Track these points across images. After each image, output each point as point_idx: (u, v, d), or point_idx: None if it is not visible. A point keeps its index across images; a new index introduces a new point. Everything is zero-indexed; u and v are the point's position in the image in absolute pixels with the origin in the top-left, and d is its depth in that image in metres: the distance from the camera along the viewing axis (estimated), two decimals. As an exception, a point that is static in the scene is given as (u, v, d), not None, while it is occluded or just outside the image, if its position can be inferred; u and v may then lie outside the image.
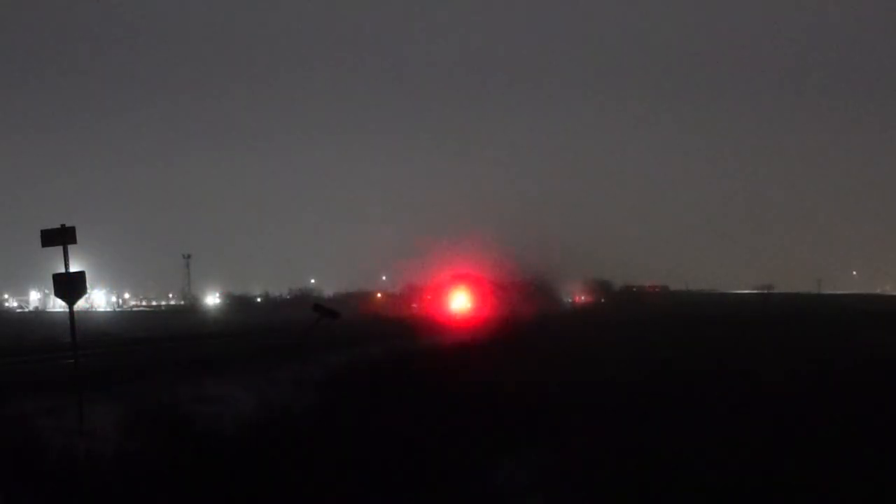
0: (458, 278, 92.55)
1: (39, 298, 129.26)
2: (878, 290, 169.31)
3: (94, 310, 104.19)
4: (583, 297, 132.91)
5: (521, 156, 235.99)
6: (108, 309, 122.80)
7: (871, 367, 20.98)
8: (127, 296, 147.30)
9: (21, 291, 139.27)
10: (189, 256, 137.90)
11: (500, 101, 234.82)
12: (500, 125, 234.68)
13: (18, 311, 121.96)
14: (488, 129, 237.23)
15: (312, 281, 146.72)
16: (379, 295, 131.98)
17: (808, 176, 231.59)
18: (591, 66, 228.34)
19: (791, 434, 11.43)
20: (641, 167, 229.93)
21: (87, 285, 13.21)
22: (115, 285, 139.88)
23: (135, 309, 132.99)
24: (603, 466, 9.72)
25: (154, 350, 27.66)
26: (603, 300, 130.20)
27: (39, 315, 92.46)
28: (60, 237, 12.62)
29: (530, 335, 36.12)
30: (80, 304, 14.17)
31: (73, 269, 12.76)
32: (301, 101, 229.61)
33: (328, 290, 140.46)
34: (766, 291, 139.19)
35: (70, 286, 12.78)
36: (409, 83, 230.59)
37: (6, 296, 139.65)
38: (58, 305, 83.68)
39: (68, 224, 12.67)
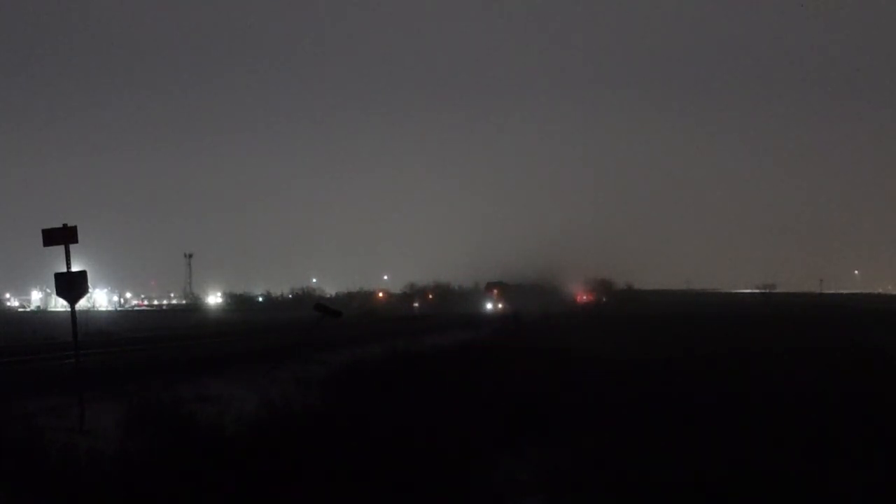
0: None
1: (41, 298, 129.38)
2: (879, 290, 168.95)
3: (95, 309, 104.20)
4: (585, 297, 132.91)
5: (523, 158, 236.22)
6: (110, 308, 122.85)
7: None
8: (128, 295, 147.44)
9: (22, 291, 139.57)
10: (191, 256, 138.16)
11: (504, 104, 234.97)
12: (503, 127, 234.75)
13: (20, 310, 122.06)
14: (491, 131, 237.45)
15: (314, 280, 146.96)
16: (381, 294, 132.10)
17: (809, 176, 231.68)
18: (595, 69, 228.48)
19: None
20: (643, 168, 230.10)
21: (89, 285, 13.20)
22: (117, 284, 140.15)
23: (136, 308, 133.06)
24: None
25: (155, 349, 27.64)
26: (605, 299, 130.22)
27: (41, 314, 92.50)
28: (62, 236, 12.60)
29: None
30: (82, 304, 14.15)
31: (75, 268, 12.74)
32: (304, 101, 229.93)
33: (330, 290, 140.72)
34: (767, 291, 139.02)
35: (71, 285, 12.76)
36: (411, 84, 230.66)
37: (8, 295, 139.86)
38: (59, 305, 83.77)
39: (70, 223, 12.65)
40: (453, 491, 8.84)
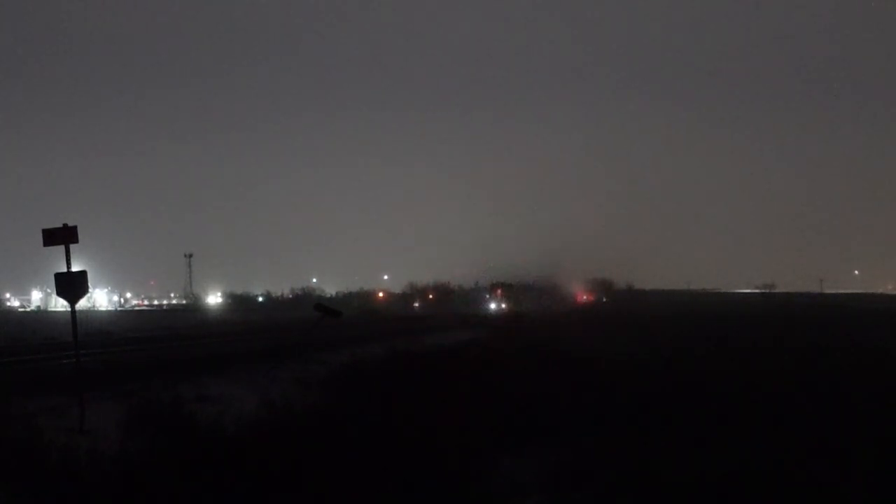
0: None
1: (41, 298, 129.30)
2: (879, 290, 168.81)
3: (95, 309, 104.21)
4: (585, 297, 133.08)
5: (524, 158, 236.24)
6: (110, 308, 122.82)
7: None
8: (129, 295, 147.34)
9: (23, 290, 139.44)
10: (191, 255, 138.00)
11: (504, 104, 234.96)
12: (504, 127, 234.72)
13: (20, 310, 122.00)
14: (491, 131, 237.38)
15: (314, 280, 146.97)
16: (381, 294, 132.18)
17: (809, 176, 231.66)
18: (596, 70, 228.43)
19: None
20: (643, 169, 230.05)
21: (89, 284, 13.19)
22: (117, 284, 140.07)
23: (136, 308, 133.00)
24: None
25: (155, 349, 27.64)
26: (605, 299, 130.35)
27: (41, 314, 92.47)
28: (62, 236, 12.58)
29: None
30: (82, 304, 14.14)
31: (75, 268, 12.73)
32: (304, 102, 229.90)
33: (330, 290, 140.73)
34: (767, 291, 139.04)
35: (72, 285, 12.75)
36: (412, 85, 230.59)
37: (8, 295, 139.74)
38: (59, 305, 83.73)
39: (70, 223, 12.64)
40: (454, 491, 8.83)
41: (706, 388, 15.70)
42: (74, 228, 12.60)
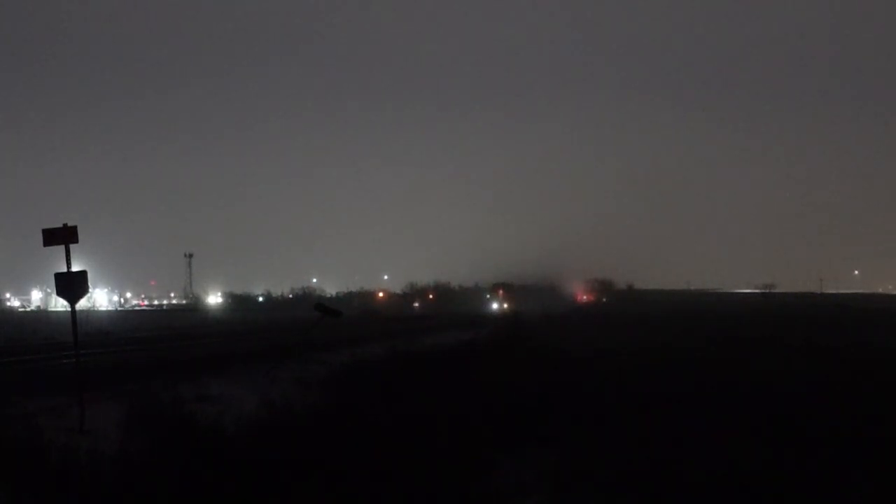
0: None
1: (41, 297, 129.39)
2: (879, 290, 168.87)
3: (96, 309, 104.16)
4: (585, 296, 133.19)
5: (524, 159, 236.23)
6: (111, 308, 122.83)
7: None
8: (129, 295, 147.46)
9: (23, 290, 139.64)
10: (191, 255, 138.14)
11: (504, 105, 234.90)
12: (504, 128, 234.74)
13: (20, 310, 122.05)
14: (492, 131, 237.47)
15: (314, 280, 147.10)
16: (381, 294, 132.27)
17: (809, 177, 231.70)
18: (597, 71, 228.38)
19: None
20: (643, 170, 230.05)
21: (89, 284, 13.18)
22: (117, 284, 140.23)
23: (137, 308, 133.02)
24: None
25: (155, 349, 27.63)
26: (605, 299, 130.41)
27: (41, 314, 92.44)
28: (62, 236, 12.58)
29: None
30: (82, 304, 14.12)
31: (75, 268, 12.72)
32: (304, 102, 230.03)
33: (330, 290, 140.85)
34: (767, 291, 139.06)
35: (72, 285, 12.74)
36: (412, 84, 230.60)
37: (8, 295, 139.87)
38: (59, 305, 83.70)
39: (70, 223, 12.63)
40: (454, 490, 8.82)
41: (706, 388, 15.71)
42: (74, 228, 12.58)
